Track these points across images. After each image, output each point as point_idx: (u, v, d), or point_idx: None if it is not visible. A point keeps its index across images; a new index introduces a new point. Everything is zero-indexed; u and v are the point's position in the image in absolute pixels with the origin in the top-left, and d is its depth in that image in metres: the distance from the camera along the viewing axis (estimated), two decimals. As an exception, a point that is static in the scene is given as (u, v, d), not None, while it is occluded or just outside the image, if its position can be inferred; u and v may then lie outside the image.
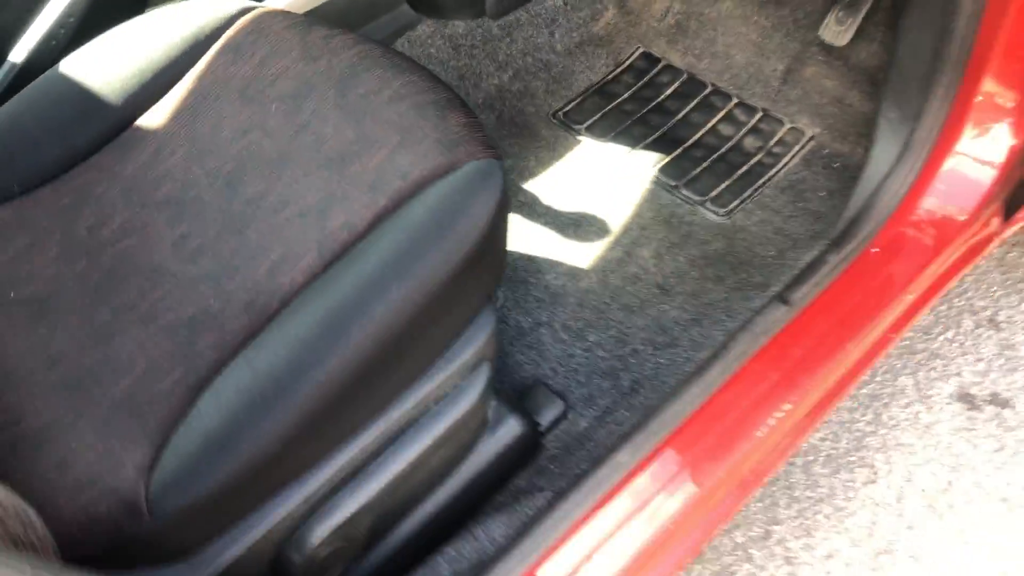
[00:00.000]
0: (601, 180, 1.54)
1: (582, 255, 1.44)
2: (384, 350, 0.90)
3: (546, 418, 1.24)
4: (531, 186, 1.54)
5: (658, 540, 1.08)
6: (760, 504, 1.52)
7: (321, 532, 0.95)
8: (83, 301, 0.99)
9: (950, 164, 1.29)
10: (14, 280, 1.02)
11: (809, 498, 1.53)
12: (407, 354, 0.94)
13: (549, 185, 1.54)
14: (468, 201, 0.96)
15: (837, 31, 1.50)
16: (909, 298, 1.28)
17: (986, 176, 1.29)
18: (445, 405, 1.01)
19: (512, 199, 1.53)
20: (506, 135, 1.62)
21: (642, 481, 1.09)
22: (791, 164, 1.51)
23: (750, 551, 1.48)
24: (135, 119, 1.13)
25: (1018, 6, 1.15)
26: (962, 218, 1.30)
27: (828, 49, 1.56)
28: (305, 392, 0.87)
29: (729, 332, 1.24)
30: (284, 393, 0.87)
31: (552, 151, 1.59)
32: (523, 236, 1.47)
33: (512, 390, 1.28)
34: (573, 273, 1.42)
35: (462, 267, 0.94)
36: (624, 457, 1.09)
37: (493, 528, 1.08)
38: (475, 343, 1.01)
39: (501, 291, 1.39)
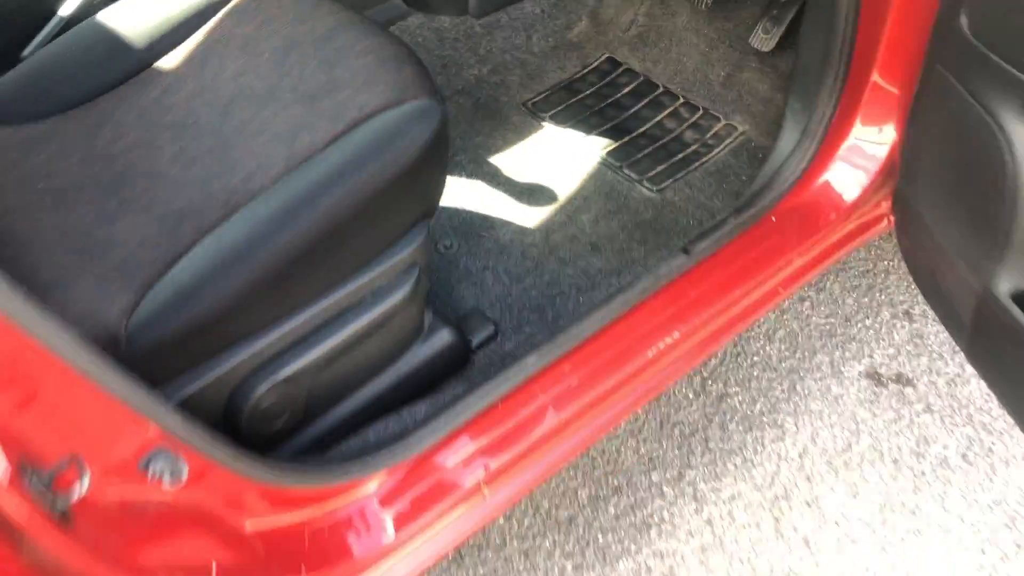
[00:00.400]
0: (557, 159, 1.77)
1: (531, 217, 1.66)
2: (327, 236, 1.13)
3: (478, 337, 1.45)
4: (496, 160, 1.78)
5: (554, 430, 1.29)
6: (678, 451, 1.72)
7: (265, 385, 1.17)
8: (96, 194, 1.23)
9: (843, 150, 1.50)
10: (43, 175, 1.27)
11: (722, 449, 1.72)
12: (347, 245, 1.17)
13: (512, 160, 1.78)
14: (407, 129, 1.19)
15: (764, 39, 1.73)
16: (799, 261, 1.48)
17: (873, 163, 1.49)
18: (379, 296, 1.23)
19: (478, 169, 1.76)
20: (480, 118, 1.86)
21: (544, 381, 1.30)
22: (721, 154, 1.73)
23: (664, 488, 1.67)
24: (154, 62, 1.38)
25: (896, 13, 1.37)
26: (851, 198, 1.51)
27: (762, 58, 1.79)
28: (259, 260, 1.10)
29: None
30: (242, 259, 1.10)
31: (518, 133, 1.83)
32: (483, 199, 1.70)
33: (453, 315, 1.49)
34: (521, 230, 1.64)
35: (397, 181, 1.17)
36: (531, 360, 1.30)
37: (417, 410, 1.29)
38: (407, 249, 1.24)
39: (456, 239, 1.62)
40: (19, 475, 0.76)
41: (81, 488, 0.79)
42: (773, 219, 1.49)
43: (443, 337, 1.38)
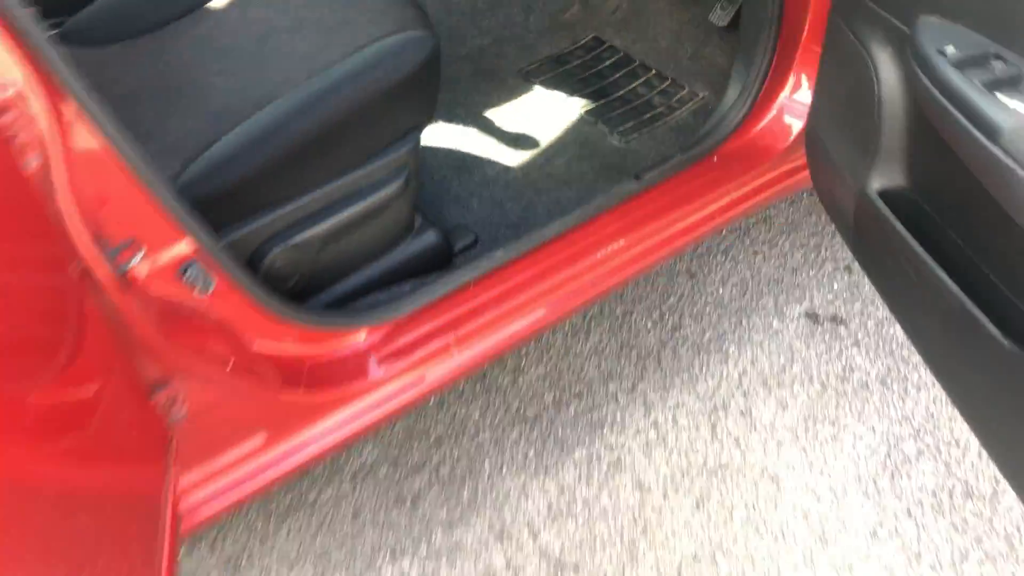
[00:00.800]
0: (542, 115, 2.06)
1: (515, 158, 1.95)
2: (333, 128, 1.42)
3: (460, 244, 1.73)
4: (490, 113, 2.07)
5: (514, 309, 1.56)
6: (633, 368, 1.98)
7: (279, 248, 1.46)
8: (153, 98, 1.53)
9: (778, 103, 1.77)
10: (111, 84, 1.56)
11: (672, 368, 1.98)
12: (349, 139, 1.46)
13: (504, 114, 2.07)
14: (404, 51, 1.48)
15: (720, 15, 2.03)
16: (735, 193, 1.75)
17: (802, 116, 1.76)
18: (375, 187, 1.52)
19: (474, 120, 2.06)
20: (480, 81, 2.16)
21: (509, 271, 1.58)
22: (683, 115, 2.01)
23: (618, 396, 1.93)
24: (207, 2, 1.68)
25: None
26: (784, 145, 1.78)
27: (723, 36, 2.08)
28: (277, 143, 1.39)
29: (601, 205, 1.73)
30: (264, 141, 1.39)
31: (512, 94, 2.13)
32: (476, 143, 1.99)
33: (441, 227, 1.77)
34: (505, 168, 1.93)
35: (393, 90, 1.47)
36: (500, 254, 1.58)
37: (403, 287, 1.57)
38: (400, 151, 1.53)
39: (450, 171, 1.91)
40: (95, 243, 1.05)
41: (136, 259, 1.08)
42: (715, 159, 1.77)
43: (430, 237, 1.66)
